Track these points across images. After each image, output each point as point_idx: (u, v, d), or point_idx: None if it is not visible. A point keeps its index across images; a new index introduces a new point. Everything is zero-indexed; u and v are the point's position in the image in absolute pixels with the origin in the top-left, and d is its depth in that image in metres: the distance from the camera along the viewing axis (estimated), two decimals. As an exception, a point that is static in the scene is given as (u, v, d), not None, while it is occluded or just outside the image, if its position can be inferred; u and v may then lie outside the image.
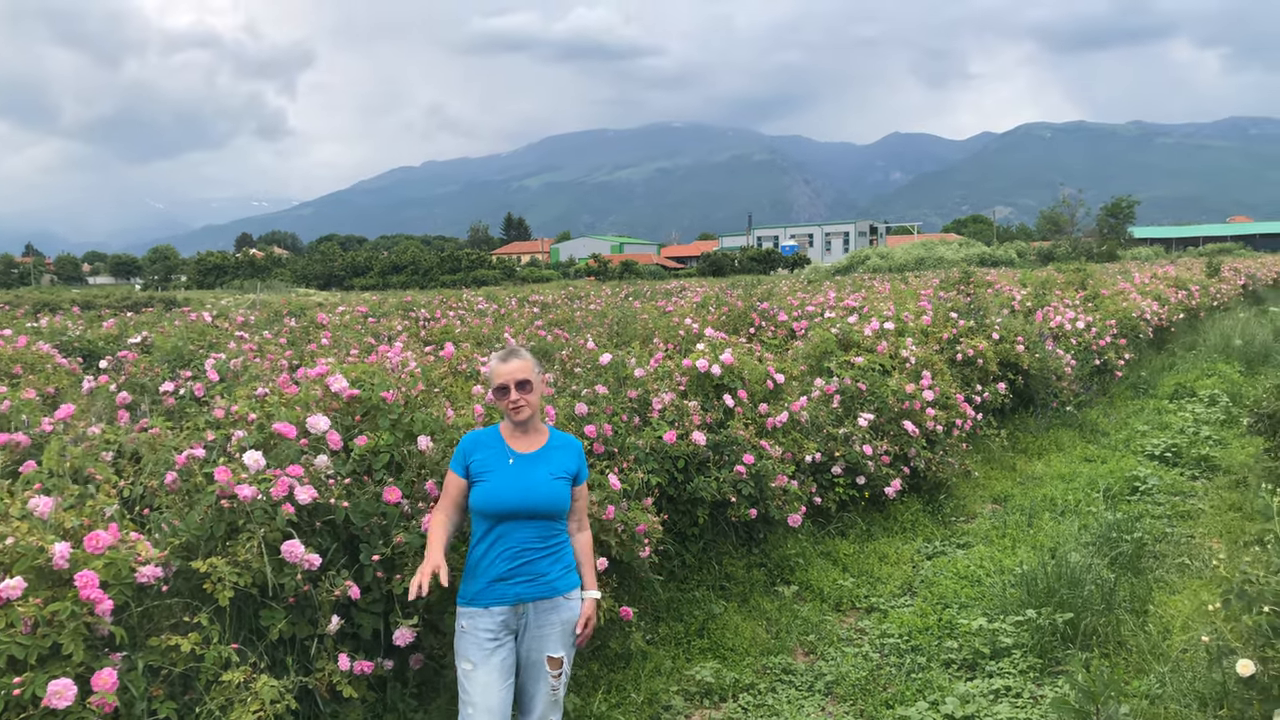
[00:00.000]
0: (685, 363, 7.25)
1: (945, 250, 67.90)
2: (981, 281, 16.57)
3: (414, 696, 4.21)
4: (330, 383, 4.57)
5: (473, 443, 3.83)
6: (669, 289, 26.94)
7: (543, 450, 3.82)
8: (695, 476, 6.39)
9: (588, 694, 4.99)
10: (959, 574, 6.78)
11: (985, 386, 10.47)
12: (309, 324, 13.49)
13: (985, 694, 4.97)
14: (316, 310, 16.67)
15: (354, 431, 4.51)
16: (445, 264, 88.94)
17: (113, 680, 3.11)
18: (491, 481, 3.70)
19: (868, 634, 6.00)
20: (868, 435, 7.95)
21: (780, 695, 5.23)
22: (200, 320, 8.68)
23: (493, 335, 11.49)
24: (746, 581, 6.53)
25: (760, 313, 12.15)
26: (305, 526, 3.91)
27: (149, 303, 29.68)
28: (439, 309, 18.49)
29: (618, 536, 5.37)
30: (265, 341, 10.03)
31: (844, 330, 9.73)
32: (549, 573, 3.70)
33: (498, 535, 3.66)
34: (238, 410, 4.45)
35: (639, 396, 6.73)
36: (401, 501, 4.23)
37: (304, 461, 4.09)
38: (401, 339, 11.22)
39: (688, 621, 5.96)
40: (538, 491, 3.69)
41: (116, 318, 15.59)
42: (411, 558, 4.10)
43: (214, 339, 8.54)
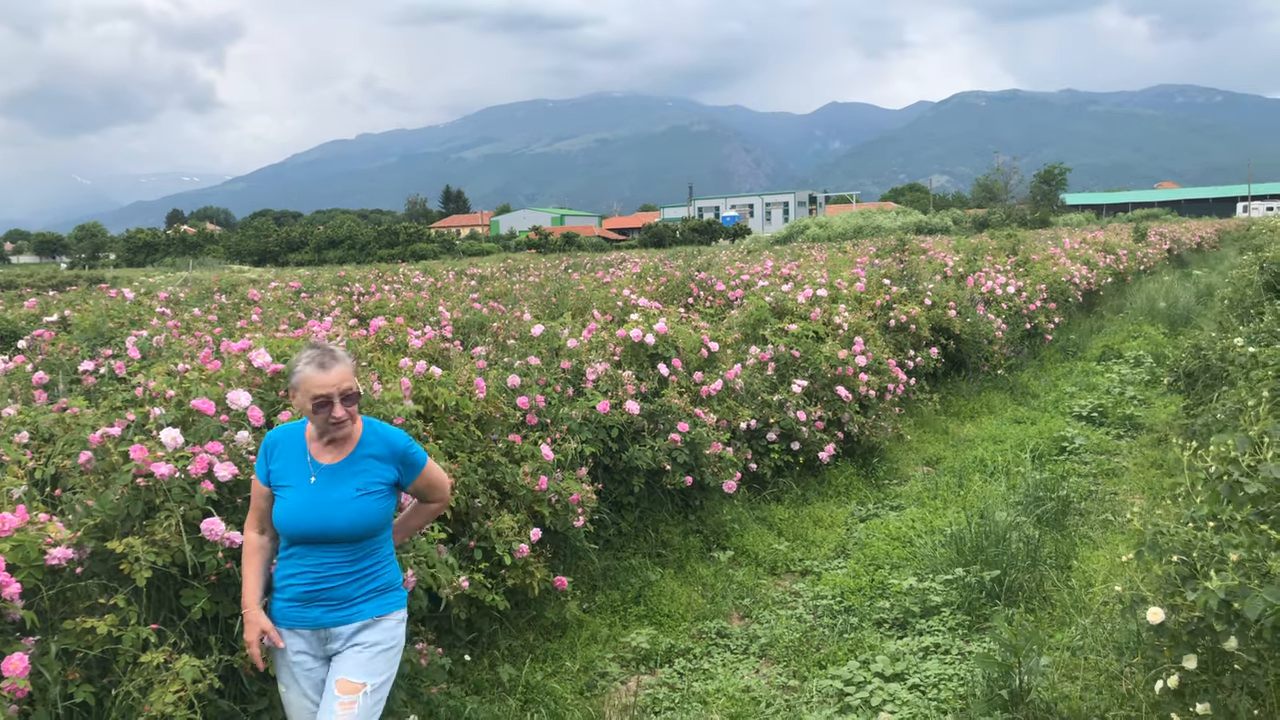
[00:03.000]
0: (619, 333, 7.24)
1: (883, 219, 68.68)
2: (916, 249, 16.78)
3: (344, 672, 4.16)
4: (253, 357, 4.47)
5: (274, 444, 3.33)
6: (609, 260, 26.84)
7: (352, 459, 3.26)
8: (630, 445, 6.40)
9: (523, 663, 4.99)
10: (891, 535, 6.89)
11: (918, 351, 10.62)
12: (240, 300, 13.22)
13: (915, 651, 5.07)
14: (249, 286, 16.34)
15: (278, 407, 4.42)
16: (382, 238, 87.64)
17: (24, 665, 3.03)
18: (288, 499, 3.22)
19: (802, 596, 6.08)
20: (802, 401, 8.02)
21: (715, 659, 5.28)
22: (120, 297, 8.45)
23: (428, 309, 11.33)
24: (683, 548, 6.57)
25: (698, 283, 12.17)
26: (226, 504, 3.82)
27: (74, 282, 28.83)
28: (374, 283, 18.23)
29: (551, 507, 5.37)
30: (194, 319, 9.81)
31: (778, 298, 9.78)
32: (354, 596, 3.24)
33: (297, 555, 3.24)
34: (155, 386, 4.34)
35: (572, 367, 6.71)
36: (327, 476, 4.16)
37: (224, 438, 4.00)
38: (334, 314, 11.04)
39: (624, 589, 5.98)
40: (339, 515, 3.18)
41: (39, 297, 15.14)
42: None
43: (136, 316, 8.31)
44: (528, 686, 4.78)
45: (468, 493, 4.98)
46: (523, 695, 4.70)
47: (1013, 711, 4.09)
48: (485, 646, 5.05)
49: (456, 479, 4.85)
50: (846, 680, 4.79)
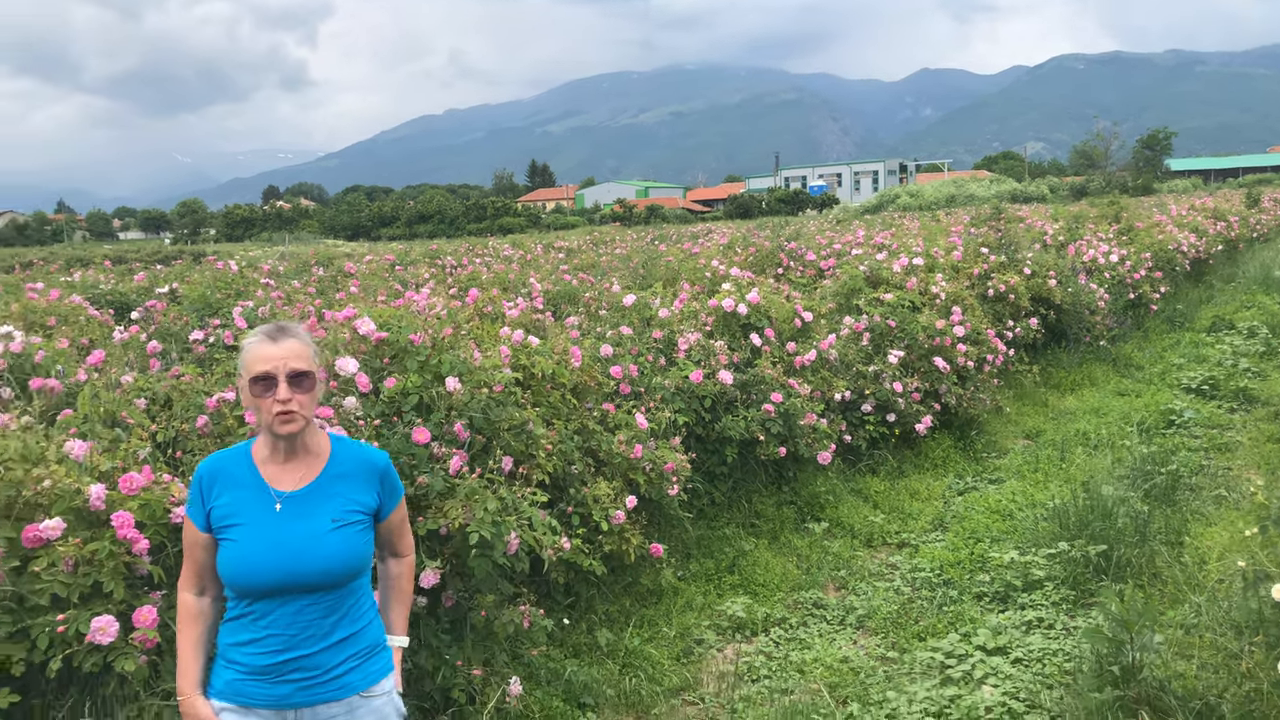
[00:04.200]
0: (711, 303, 7.20)
1: (976, 187, 66.92)
2: (1013, 217, 16.32)
3: (446, 633, 4.26)
4: (358, 325, 4.57)
5: (212, 477, 2.56)
6: (695, 232, 26.77)
7: (322, 481, 2.57)
8: (723, 416, 6.38)
9: (620, 628, 5.05)
10: (990, 508, 6.75)
11: (1017, 322, 10.35)
12: (337, 273, 13.55)
13: (1017, 625, 4.97)
14: (344, 260, 16.73)
15: (382, 374, 4.52)
16: (471, 213, 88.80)
17: (153, 617, 3.17)
18: (243, 541, 2.48)
19: (899, 569, 6.01)
20: (898, 372, 7.89)
21: (812, 629, 5.26)
22: (226, 269, 8.73)
23: (519, 280, 11.45)
24: (776, 519, 6.54)
25: (788, 253, 12.04)
26: (336, 467, 3.93)
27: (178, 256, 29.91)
28: (465, 256, 18.51)
29: (645, 475, 5.40)
30: (294, 290, 10.09)
31: (873, 267, 9.62)
32: (336, 664, 2.54)
33: (257, 614, 2.50)
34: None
35: (665, 337, 6.71)
36: (430, 443, 4.25)
37: (333, 403, 4.11)
38: (428, 286, 11.24)
39: (718, 558, 5.99)
40: (315, 554, 2.48)
41: (147, 271, 15.74)
42: (434, 500, 4.12)
43: (241, 288, 8.57)
44: (625, 651, 4.83)
45: (564, 459, 5.03)
46: (621, 659, 4.75)
47: (1123, 689, 3.98)
48: (583, 611, 5.12)
49: (553, 446, 4.90)
50: (947, 653, 4.72)
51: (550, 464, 4.82)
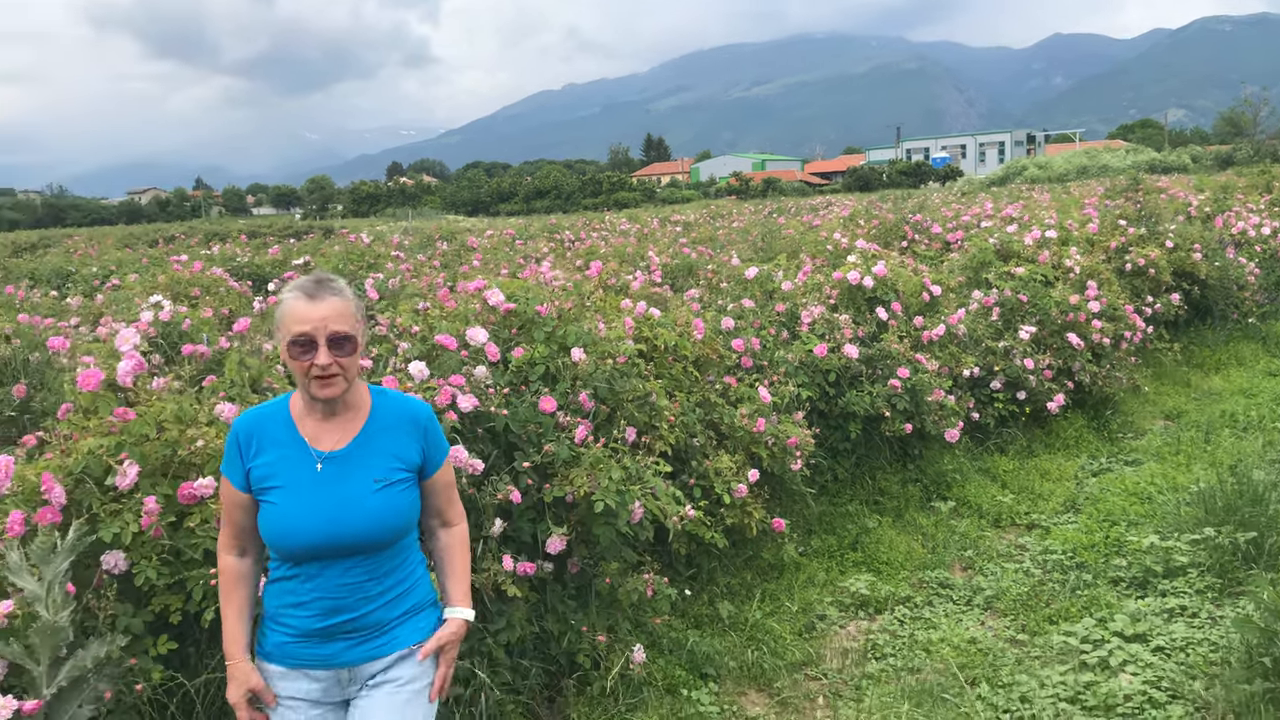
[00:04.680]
0: (836, 275, 7.08)
1: (1111, 158, 63.88)
2: (1152, 188, 15.52)
3: (572, 598, 4.33)
4: (488, 297, 4.66)
5: (249, 435, 2.46)
6: (814, 205, 26.34)
7: (363, 438, 2.46)
8: (847, 391, 6.28)
9: (742, 601, 5.04)
10: (1128, 491, 6.48)
11: (1157, 297, 9.87)
12: (460, 247, 13.84)
13: (1158, 612, 4.76)
14: (466, 235, 17.09)
15: (510, 344, 4.60)
16: (587, 187, 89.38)
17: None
18: (283, 503, 2.40)
19: (1029, 550, 5.83)
20: (1029, 349, 7.63)
21: (937, 608, 5.15)
22: (359, 242, 9.01)
23: (637, 254, 11.48)
24: (901, 497, 6.42)
25: (913, 225, 11.73)
26: (468, 433, 4.02)
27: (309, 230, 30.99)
28: (582, 231, 18.66)
29: (768, 449, 5.36)
30: (420, 264, 10.35)
31: (1003, 240, 9.30)
32: (387, 621, 2.50)
33: (303, 576, 2.44)
34: (402, 323, 4.60)
35: (787, 310, 6.63)
36: (556, 412, 4.30)
37: (465, 372, 4.20)
38: (548, 260, 11.38)
39: (840, 535, 5.92)
40: (358, 516, 2.40)
41: (280, 244, 16.39)
42: (559, 468, 4.18)
43: (372, 260, 8.84)
44: (747, 624, 4.82)
45: (687, 432, 5.04)
46: (743, 632, 4.75)
47: (1275, 681, 3.78)
48: (704, 583, 5.13)
49: (676, 418, 4.90)
50: (1082, 638, 4.56)
51: (672, 436, 4.83)
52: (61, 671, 2.97)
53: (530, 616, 4.13)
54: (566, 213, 54.99)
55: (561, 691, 4.20)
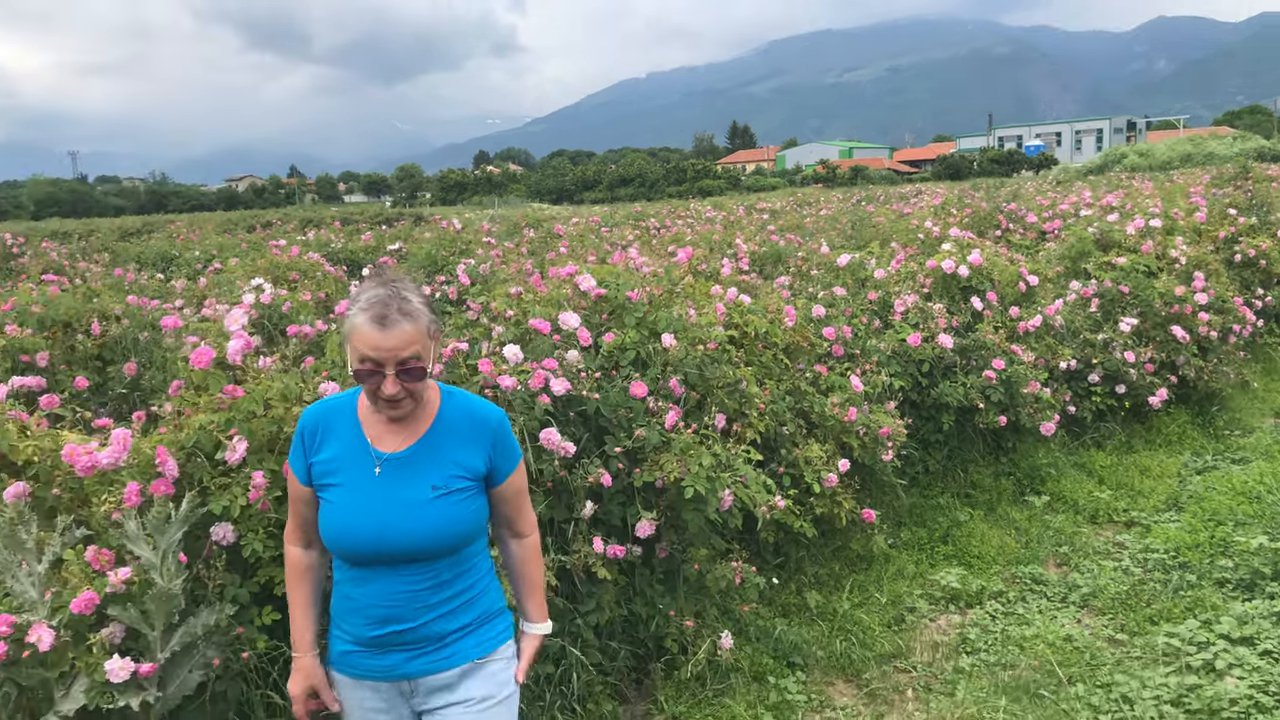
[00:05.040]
0: (930, 264, 6.95)
1: (1217, 145, 61.35)
2: (1262, 176, 14.90)
3: (660, 583, 4.35)
4: (579, 282, 4.69)
5: (315, 428, 2.40)
6: (903, 193, 25.89)
7: (426, 442, 2.35)
8: (940, 381, 6.17)
9: (830, 592, 5.01)
10: (1235, 490, 6.24)
11: (1268, 290, 9.46)
12: (546, 234, 13.97)
13: (1267, 615, 4.58)
14: (552, 222, 17.23)
15: (602, 329, 4.63)
16: (671, 175, 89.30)
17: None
18: (338, 502, 2.32)
19: (1127, 548, 5.66)
20: (1130, 342, 7.39)
21: (1030, 604, 5.04)
22: (451, 228, 9.14)
23: (723, 241, 11.45)
24: (993, 490, 6.29)
25: (1007, 214, 11.46)
26: (560, 417, 4.06)
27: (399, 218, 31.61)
28: (668, 218, 18.66)
29: (859, 439, 5.30)
30: (508, 251, 10.48)
31: (1103, 230, 9.01)
32: (447, 633, 2.36)
33: (359, 580, 2.36)
34: (496, 307, 4.66)
35: (879, 298, 6.54)
36: (646, 397, 4.32)
37: (557, 356, 4.24)
38: (634, 247, 11.41)
39: (931, 527, 5.83)
40: (412, 524, 2.28)
41: (372, 231, 16.77)
42: (649, 453, 4.19)
43: (463, 246, 8.97)
44: (835, 614, 4.79)
45: (776, 420, 5.01)
46: (830, 622, 4.72)
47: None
48: (792, 572, 5.10)
49: (766, 405, 4.88)
50: (1185, 640, 4.41)
51: (762, 423, 4.80)
52: (174, 637, 3.10)
53: (619, 599, 4.16)
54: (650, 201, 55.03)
55: (649, 674, 4.23)
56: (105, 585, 3.03)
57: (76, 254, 16.80)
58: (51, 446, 3.50)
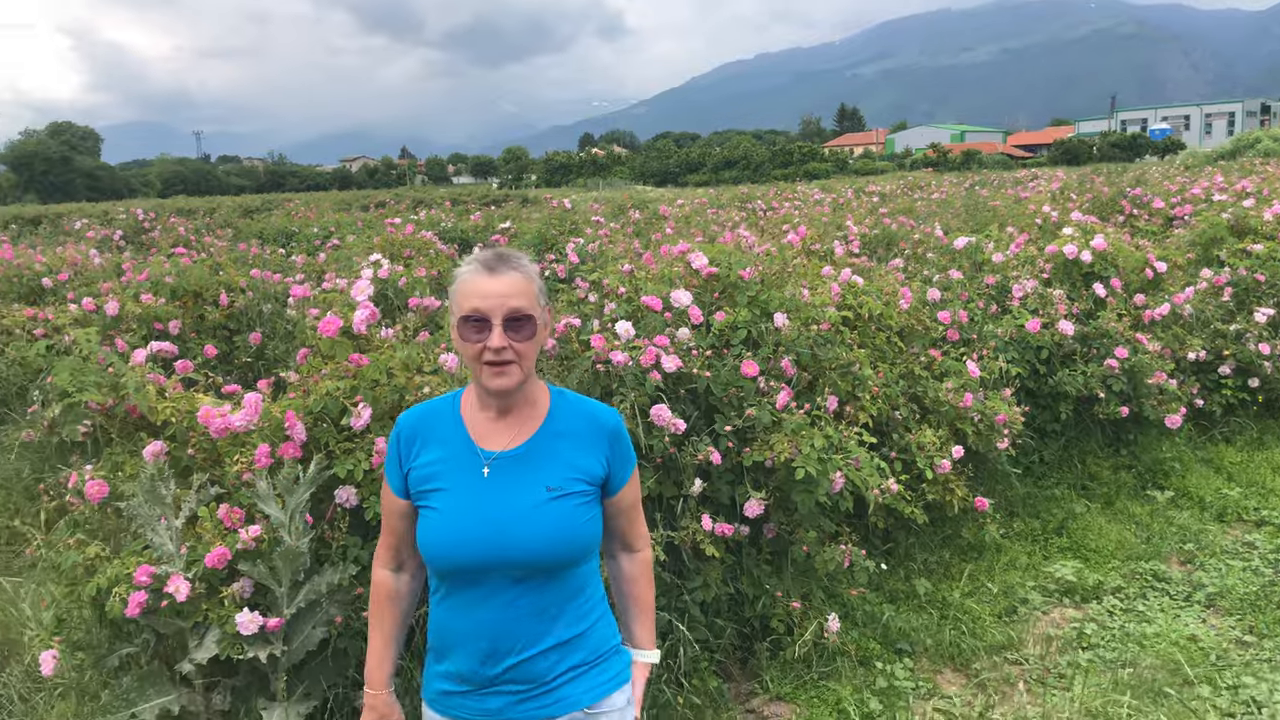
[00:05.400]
0: (1050, 248, 6.73)
1: (1360, 129, 57.73)
2: None
3: (767, 563, 4.34)
4: (691, 260, 4.69)
5: (413, 432, 2.17)
6: (1018, 178, 25.08)
7: (539, 440, 2.12)
8: (1059, 369, 5.99)
9: (939, 580, 4.92)
10: (1377, 492, 5.90)
11: None
12: (652, 215, 13.99)
13: None
14: (657, 204, 17.25)
15: (713, 307, 4.62)
16: (777, 158, 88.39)
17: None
18: (445, 510, 2.07)
19: (1257, 548, 5.40)
20: (1266, 333, 7.03)
21: (1151, 602, 4.85)
22: (561, 207, 9.24)
23: (832, 223, 11.30)
24: (1112, 483, 6.08)
25: (1131, 199, 11.02)
26: (670, 393, 4.08)
27: (505, 199, 32.07)
28: (775, 200, 18.49)
29: (974, 425, 5.18)
30: (615, 230, 10.53)
31: (1238, 215, 8.58)
32: (557, 674, 2.10)
33: (461, 603, 2.10)
34: (609, 284, 4.69)
35: (997, 283, 6.37)
36: (758, 376, 4.30)
37: (668, 333, 4.25)
38: (741, 228, 11.34)
39: (1045, 519, 5.67)
40: (528, 528, 2.04)
41: (481, 211, 17.05)
42: (760, 433, 4.16)
43: (572, 225, 9.05)
44: (944, 602, 4.70)
45: (889, 404, 4.93)
46: (939, 610, 4.63)
47: None
48: (900, 558, 5.03)
49: (880, 388, 4.80)
50: (1321, 645, 4.20)
51: (874, 407, 4.73)
52: (300, 594, 3.22)
53: (725, 577, 4.16)
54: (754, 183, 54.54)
55: (754, 653, 4.22)
56: (236, 541, 3.17)
57: (201, 229, 17.56)
58: (187, 408, 3.67)
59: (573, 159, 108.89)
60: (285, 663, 3.20)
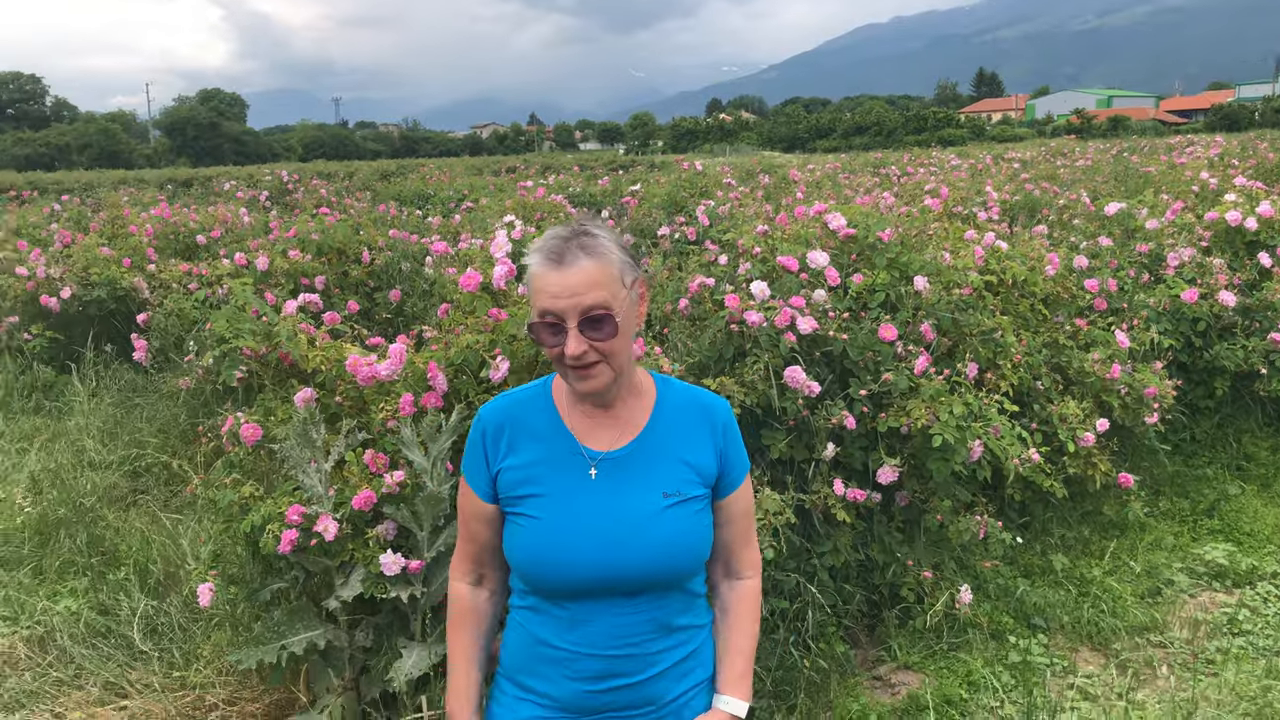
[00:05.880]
0: (1209, 215, 6.36)
1: None
2: None
3: (899, 530, 4.26)
4: (829, 220, 4.60)
5: (500, 423, 1.90)
6: (1170, 144, 23.73)
7: (648, 436, 1.87)
8: (1216, 343, 5.67)
9: (1077, 556, 4.75)
10: None
11: None
12: (781, 180, 13.81)
13: None
14: (786, 169, 17.02)
15: (850, 269, 4.53)
16: (910, 124, 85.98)
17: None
18: (547, 519, 1.82)
19: None
20: None
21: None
22: (692, 169, 9.21)
23: (970, 189, 10.92)
24: (1271, 465, 5.74)
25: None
26: (804, 356, 4.03)
27: (632, 164, 32.18)
28: (909, 165, 18.01)
29: (1120, 399, 4.96)
30: (745, 194, 10.44)
31: None
32: (674, 698, 1.89)
33: (559, 618, 1.86)
34: (744, 244, 4.66)
35: (1150, 251, 6.05)
36: (895, 341, 4.20)
37: (804, 294, 4.19)
38: (874, 193, 11.08)
39: (1194, 499, 5.40)
40: (646, 542, 1.80)
41: (609, 176, 17.16)
42: (896, 398, 4.08)
43: (703, 188, 9.01)
44: (1082, 579, 4.55)
45: (1031, 373, 4.76)
46: (1076, 587, 4.48)
47: None
48: (1037, 533, 4.87)
49: (1022, 356, 4.64)
50: None
51: (1015, 375, 4.57)
52: (439, 539, 3.33)
53: (855, 544, 4.11)
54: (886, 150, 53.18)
55: (881, 621, 4.17)
56: (381, 486, 3.29)
57: (341, 192, 18.20)
58: (336, 357, 3.82)
59: (699, 125, 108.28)
60: (425, 604, 3.31)
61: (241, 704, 3.63)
